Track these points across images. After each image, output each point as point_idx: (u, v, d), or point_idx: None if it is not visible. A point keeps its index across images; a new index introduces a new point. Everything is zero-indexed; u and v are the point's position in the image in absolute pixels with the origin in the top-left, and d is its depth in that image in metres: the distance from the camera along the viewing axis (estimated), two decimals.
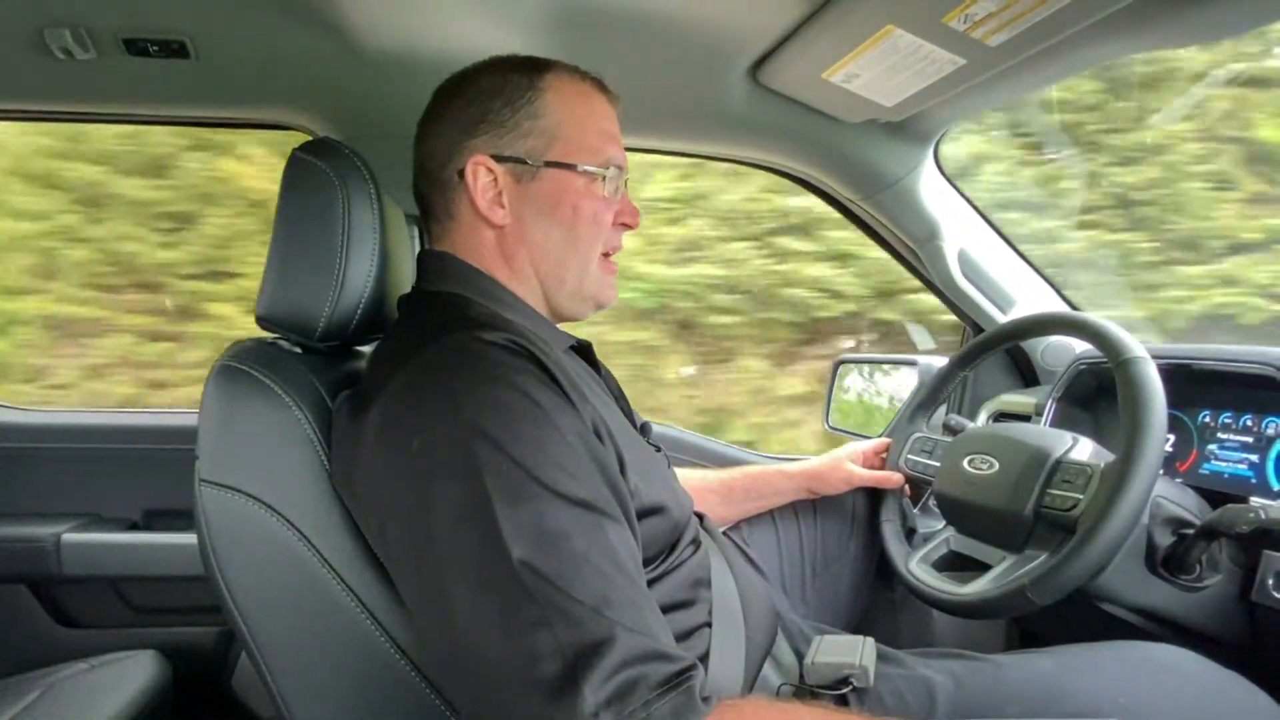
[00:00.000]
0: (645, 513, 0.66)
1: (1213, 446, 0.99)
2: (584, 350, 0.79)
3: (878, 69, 0.99)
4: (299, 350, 0.76)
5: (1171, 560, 0.84)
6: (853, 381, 1.54)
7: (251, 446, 0.68)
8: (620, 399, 0.83)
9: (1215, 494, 0.92)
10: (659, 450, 0.83)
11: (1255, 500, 0.88)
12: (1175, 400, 0.82)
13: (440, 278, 0.74)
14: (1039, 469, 0.86)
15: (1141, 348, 0.82)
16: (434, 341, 0.62)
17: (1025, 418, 1.21)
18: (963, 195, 1.32)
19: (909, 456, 1.09)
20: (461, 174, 0.72)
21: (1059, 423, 1.12)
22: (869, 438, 1.19)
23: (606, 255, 0.77)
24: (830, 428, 1.51)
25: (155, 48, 1.05)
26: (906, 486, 1.10)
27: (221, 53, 1.08)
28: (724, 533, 0.99)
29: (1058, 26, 0.83)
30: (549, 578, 0.51)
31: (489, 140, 0.72)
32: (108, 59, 1.06)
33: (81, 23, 1.00)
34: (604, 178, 0.74)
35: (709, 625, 0.71)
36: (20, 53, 1.03)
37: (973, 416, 1.35)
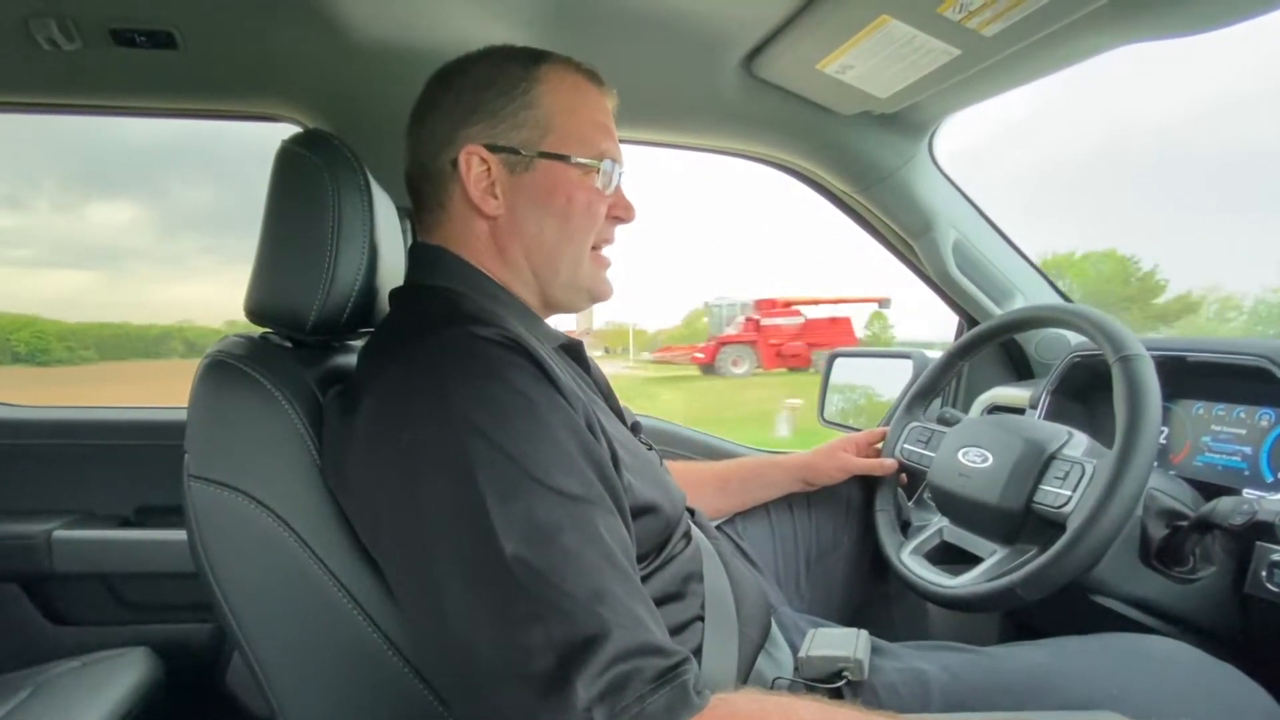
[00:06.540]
0: (638, 511, 0.65)
1: (1206, 439, 1.00)
2: (574, 348, 0.79)
3: (872, 60, 0.99)
4: (289, 345, 0.75)
5: (1165, 552, 0.84)
6: (846, 375, 1.54)
7: (241, 441, 0.67)
8: (610, 397, 0.83)
9: (1209, 486, 0.92)
10: (651, 448, 0.83)
11: (1248, 492, 0.89)
12: (1169, 392, 0.81)
13: (432, 271, 0.74)
14: (1032, 464, 0.86)
15: (1140, 344, 0.82)
16: (426, 336, 0.62)
17: (1019, 410, 1.21)
18: (957, 188, 1.32)
19: (905, 446, 1.09)
20: (454, 164, 0.71)
21: (1053, 415, 1.12)
22: (862, 431, 1.18)
23: (596, 248, 0.77)
24: (824, 421, 1.51)
25: (142, 38, 1.03)
26: (902, 476, 1.10)
27: (210, 43, 1.07)
28: (718, 526, 0.99)
29: (1054, 16, 0.82)
30: (542, 572, 0.50)
31: (482, 130, 0.71)
32: (94, 50, 1.05)
33: (67, 13, 0.98)
34: (598, 170, 0.73)
35: (701, 619, 0.71)
36: (4, 43, 1.02)
37: (966, 409, 1.36)
